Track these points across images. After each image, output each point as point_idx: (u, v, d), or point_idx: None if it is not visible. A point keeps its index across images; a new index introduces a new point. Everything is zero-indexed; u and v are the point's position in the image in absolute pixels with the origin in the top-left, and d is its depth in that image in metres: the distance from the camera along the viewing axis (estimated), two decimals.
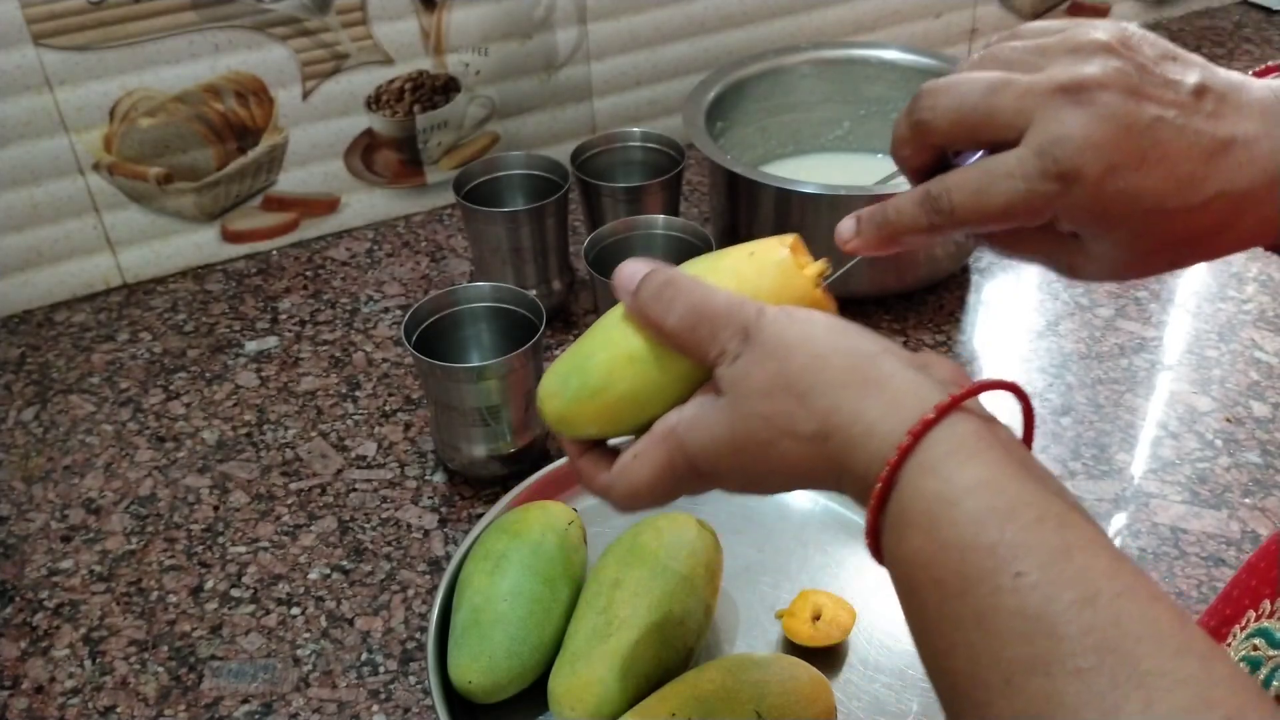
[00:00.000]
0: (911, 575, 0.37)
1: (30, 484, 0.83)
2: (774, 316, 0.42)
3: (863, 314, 0.95)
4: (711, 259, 0.47)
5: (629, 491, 0.45)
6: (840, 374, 0.40)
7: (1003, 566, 0.34)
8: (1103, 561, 0.34)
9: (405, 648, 0.70)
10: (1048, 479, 0.37)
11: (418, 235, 1.10)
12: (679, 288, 0.43)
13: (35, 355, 0.96)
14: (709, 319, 0.42)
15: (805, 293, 0.45)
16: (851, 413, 0.39)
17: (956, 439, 0.37)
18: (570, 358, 0.47)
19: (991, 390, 0.39)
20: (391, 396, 0.90)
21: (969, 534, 0.35)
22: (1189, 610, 0.70)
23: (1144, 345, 0.92)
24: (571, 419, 0.47)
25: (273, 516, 0.79)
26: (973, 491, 0.36)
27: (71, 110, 0.94)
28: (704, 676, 0.60)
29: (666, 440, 0.44)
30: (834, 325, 0.42)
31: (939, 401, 0.38)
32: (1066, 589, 0.33)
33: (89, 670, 0.69)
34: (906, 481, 0.37)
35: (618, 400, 0.45)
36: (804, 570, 0.72)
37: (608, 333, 0.46)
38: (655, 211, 0.92)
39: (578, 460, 0.48)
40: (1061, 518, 0.35)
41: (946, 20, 1.28)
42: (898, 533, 0.38)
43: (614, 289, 0.46)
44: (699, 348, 0.43)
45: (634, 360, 0.45)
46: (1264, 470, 0.80)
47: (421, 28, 1.03)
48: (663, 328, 0.44)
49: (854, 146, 1.11)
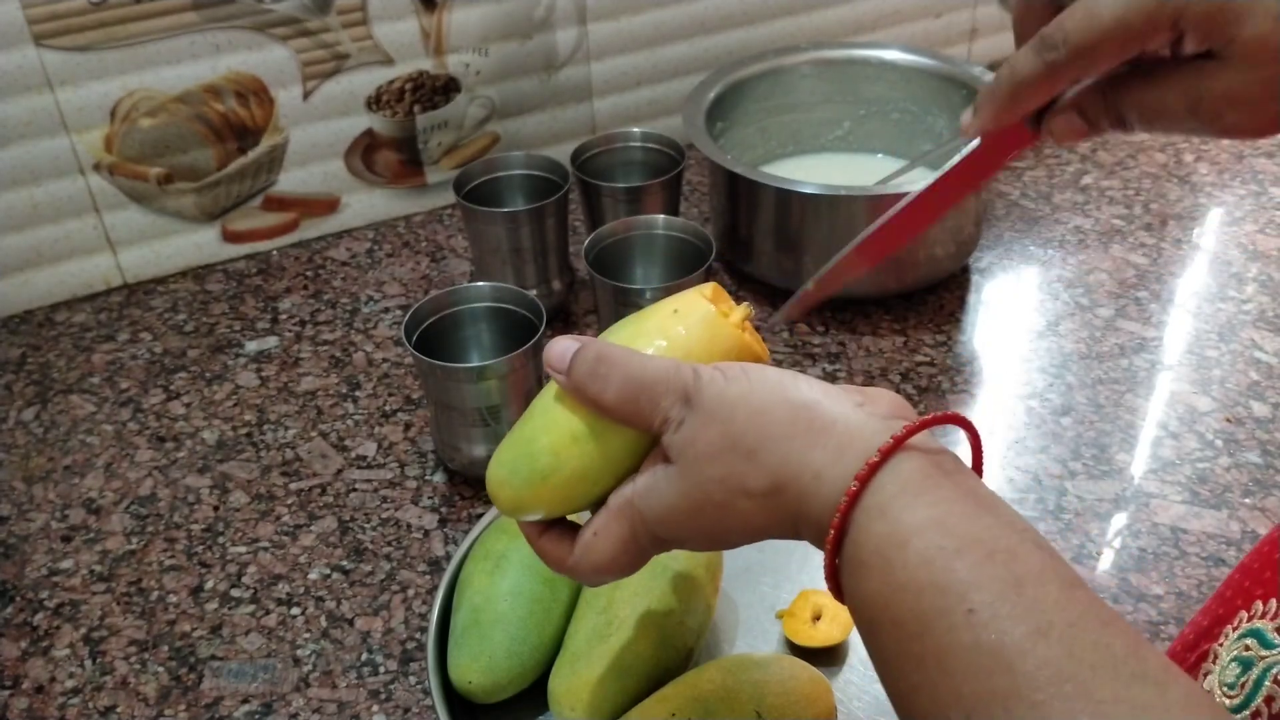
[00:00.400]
0: (871, 616, 0.38)
1: (30, 484, 0.83)
2: (710, 378, 0.42)
3: (863, 314, 0.95)
4: (636, 321, 0.47)
5: (594, 568, 0.46)
6: (783, 426, 0.40)
7: (955, 604, 0.34)
8: (1053, 591, 0.34)
9: (405, 648, 0.70)
10: (999, 509, 0.37)
11: (418, 235, 1.10)
12: (612, 362, 0.43)
13: (35, 355, 0.96)
14: (647, 389, 0.42)
15: (735, 340, 0.46)
16: (799, 463, 0.40)
17: (903, 479, 0.38)
18: (514, 444, 0.47)
19: (935, 425, 0.39)
20: (391, 396, 0.90)
21: (921, 574, 0.35)
22: (1188, 611, 0.70)
23: (1144, 345, 0.92)
24: (525, 504, 0.47)
25: (273, 516, 0.79)
26: (921, 532, 0.36)
27: (72, 110, 0.94)
28: (704, 676, 0.60)
29: (624, 513, 0.44)
30: (768, 378, 0.42)
31: (882, 444, 0.38)
32: (1019, 623, 0.33)
33: (89, 670, 0.69)
34: (858, 525, 0.38)
35: (568, 481, 0.45)
36: (804, 570, 0.72)
37: (547, 414, 0.46)
38: (655, 211, 0.92)
39: (538, 542, 0.48)
40: (1011, 550, 0.35)
41: (946, 20, 1.28)
42: (854, 575, 0.38)
43: (546, 368, 0.46)
44: (642, 419, 0.43)
45: (578, 439, 0.45)
46: (1264, 470, 0.80)
47: (421, 28, 1.03)
48: (601, 404, 0.43)
49: (854, 146, 1.11)
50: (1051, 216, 1.09)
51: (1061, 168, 1.17)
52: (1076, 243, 1.05)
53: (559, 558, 0.47)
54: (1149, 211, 1.09)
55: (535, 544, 0.48)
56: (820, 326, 0.94)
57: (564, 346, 0.45)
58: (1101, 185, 1.14)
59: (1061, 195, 1.12)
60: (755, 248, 0.97)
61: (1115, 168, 1.17)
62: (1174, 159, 1.18)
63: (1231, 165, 1.16)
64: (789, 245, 0.94)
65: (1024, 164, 1.17)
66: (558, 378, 0.45)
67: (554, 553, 0.47)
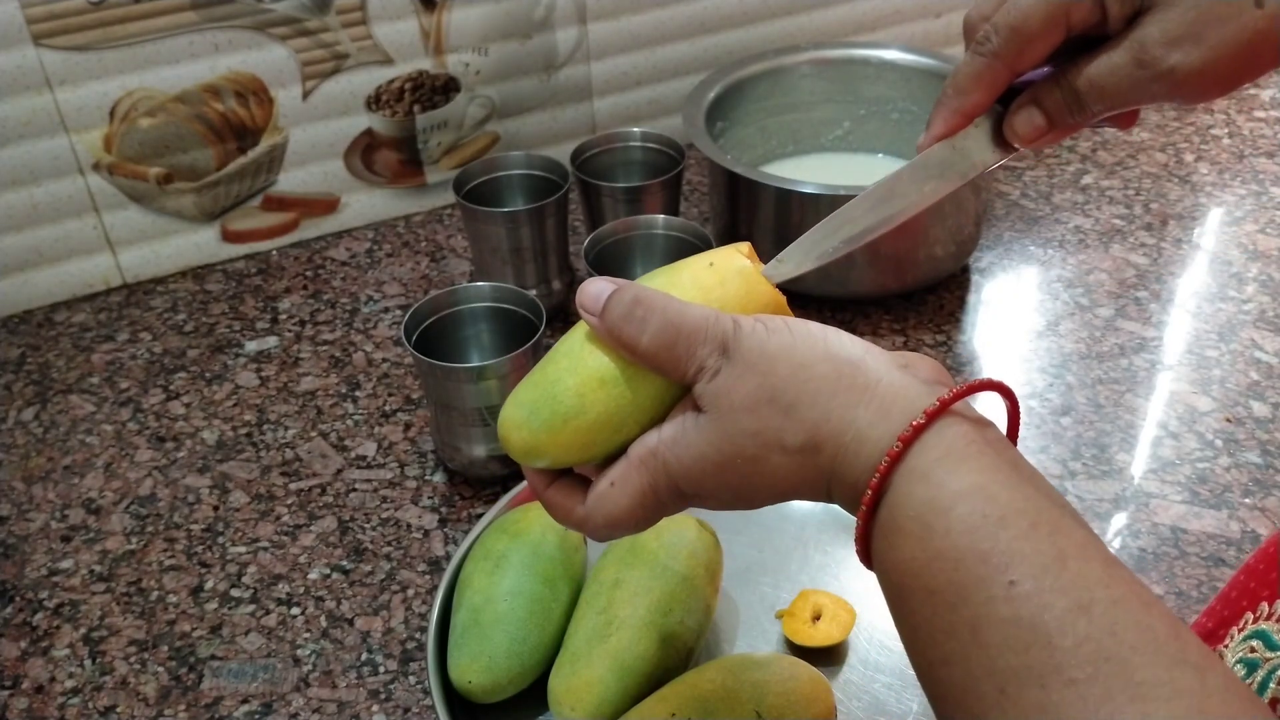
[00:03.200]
0: (903, 583, 0.37)
1: (30, 484, 0.83)
2: (751, 329, 0.41)
3: (863, 314, 0.95)
4: (670, 271, 0.46)
5: (608, 521, 0.44)
6: (826, 383, 0.39)
7: (996, 575, 0.34)
8: (1096, 568, 0.34)
9: (405, 648, 0.70)
10: (1039, 481, 0.37)
11: (418, 235, 1.10)
12: (650, 306, 0.42)
13: (35, 355, 0.96)
14: (685, 336, 0.41)
15: (770, 298, 0.45)
16: (841, 421, 0.39)
17: (946, 444, 0.37)
18: (534, 385, 0.45)
19: (980, 392, 0.39)
20: (391, 396, 0.90)
21: (962, 542, 0.35)
22: (1188, 611, 0.70)
23: (1144, 345, 0.92)
24: (541, 448, 0.45)
25: (273, 516, 0.79)
26: (965, 498, 0.35)
27: (71, 110, 0.94)
28: (704, 676, 0.60)
29: (647, 463, 0.42)
30: (812, 332, 0.41)
31: (928, 406, 0.37)
32: (1060, 597, 0.33)
33: (89, 670, 0.69)
34: (897, 488, 0.37)
35: (592, 425, 0.43)
36: (804, 570, 0.72)
37: (573, 356, 0.44)
38: (655, 211, 0.92)
39: (545, 492, 0.46)
40: (1055, 524, 0.35)
41: (946, 20, 1.28)
42: (889, 540, 0.37)
43: (578, 309, 0.44)
44: (676, 366, 0.41)
45: (605, 382, 0.43)
46: (1264, 470, 0.80)
47: (421, 28, 1.03)
48: (636, 348, 0.42)
49: (854, 146, 1.11)
50: (1051, 216, 1.09)
51: (1061, 168, 1.17)
52: (1076, 243, 1.05)
53: (567, 509, 0.45)
54: (1149, 211, 1.09)
55: (542, 494, 0.46)
56: None
57: (599, 288, 0.43)
58: (1101, 185, 1.14)
59: (1061, 195, 1.12)
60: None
61: (1115, 168, 1.17)
62: (1174, 159, 1.18)
63: (1232, 165, 1.16)
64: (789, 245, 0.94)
65: (1024, 164, 1.17)
66: (590, 319, 0.43)
67: (563, 504, 0.45)
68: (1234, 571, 0.73)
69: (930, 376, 0.40)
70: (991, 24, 0.45)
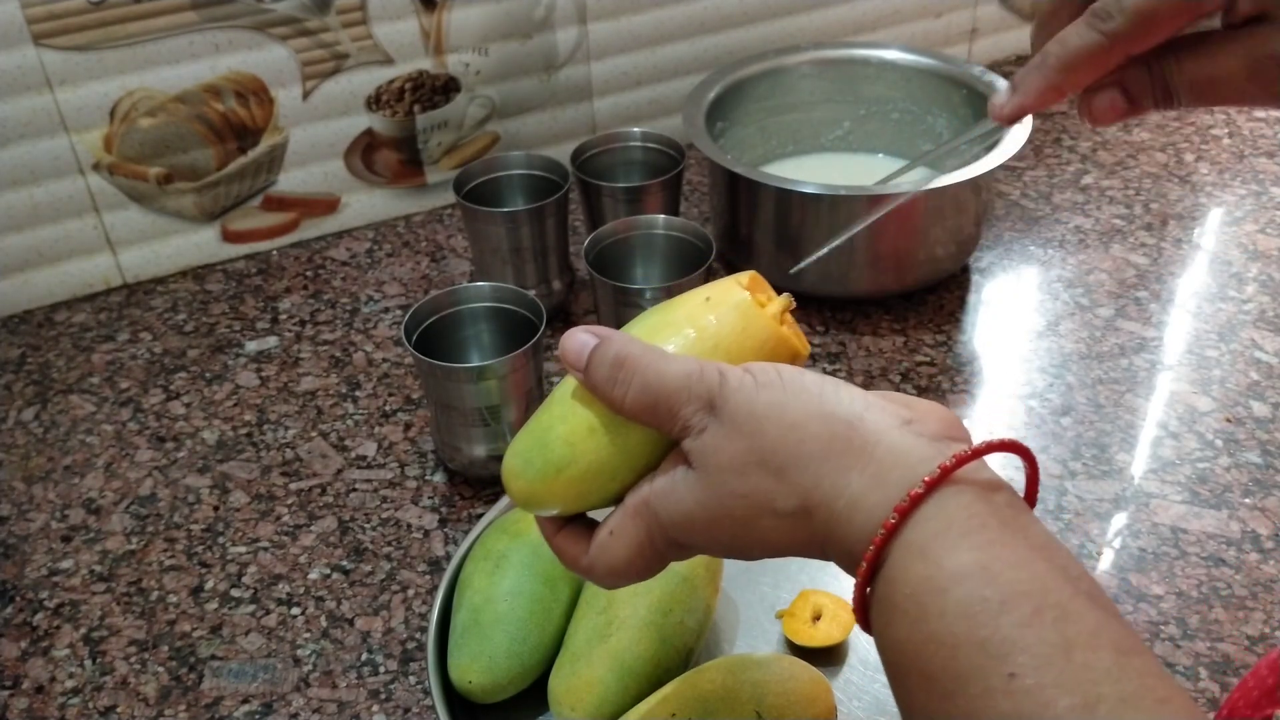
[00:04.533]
0: (900, 664, 0.35)
1: (30, 484, 0.83)
2: (739, 384, 0.39)
3: (863, 314, 0.95)
4: (665, 309, 0.45)
5: (609, 570, 0.43)
6: (819, 444, 0.37)
7: (995, 665, 0.31)
8: (1106, 659, 0.31)
9: (405, 648, 0.70)
10: (1052, 552, 0.34)
11: (418, 235, 1.10)
12: (631, 366, 0.40)
13: (35, 355, 0.96)
14: (666, 398, 0.39)
15: (770, 333, 0.43)
16: (833, 487, 0.36)
17: (947, 516, 0.34)
18: (529, 434, 0.45)
19: (989, 454, 0.36)
20: (391, 396, 0.90)
21: (959, 627, 0.32)
22: (1188, 610, 0.70)
23: (1144, 345, 0.92)
24: (539, 498, 0.44)
25: (273, 516, 0.79)
26: (963, 579, 0.33)
27: (71, 110, 0.94)
28: (704, 676, 0.60)
29: (640, 514, 0.41)
30: (807, 386, 0.38)
31: (928, 474, 0.35)
32: (1064, 694, 0.30)
33: (89, 670, 0.69)
34: (894, 563, 0.35)
35: (583, 475, 0.43)
36: (804, 570, 0.72)
37: (564, 404, 0.44)
38: (655, 211, 0.92)
39: (554, 539, 0.45)
40: (1062, 607, 0.32)
41: (946, 20, 1.28)
42: (885, 617, 0.35)
43: (562, 362, 0.43)
44: (660, 425, 0.40)
45: (594, 432, 0.42)
46: (1264, 470, 0.80)
47: (421, 28, 1.03)
48: (621, 410, 0.41)
49: (854, 146, 1.11)
50: (1051, 216, 1.09)
51: (1061, 168, 1.17)
52: (1076, 243, 1.05)
53: (574, 557, 0.44)
54: (1149, 211, 1.09)
55: (551, 541, 0.45)
56: (820, 326, 0.93)
57: (580, 341, 0.42)
58: (1101, 185, 1.14)
59: (1061, 195, 1.12)
60: (755, 248, 0.97)
61: (1115, 168, 1.17)
62: (1174, 159, 1.18)
63: (1232, 165, 1.16)
64: (789, 245, 0.94)
65: (1024, 164, 1.17)
66: (575, 375, 0.42)
67: (570, 551, 0.44)
68: (1234, 572, 0.73)
69: (938, 431, 0.38)
70: (1116, 1, 0.42)
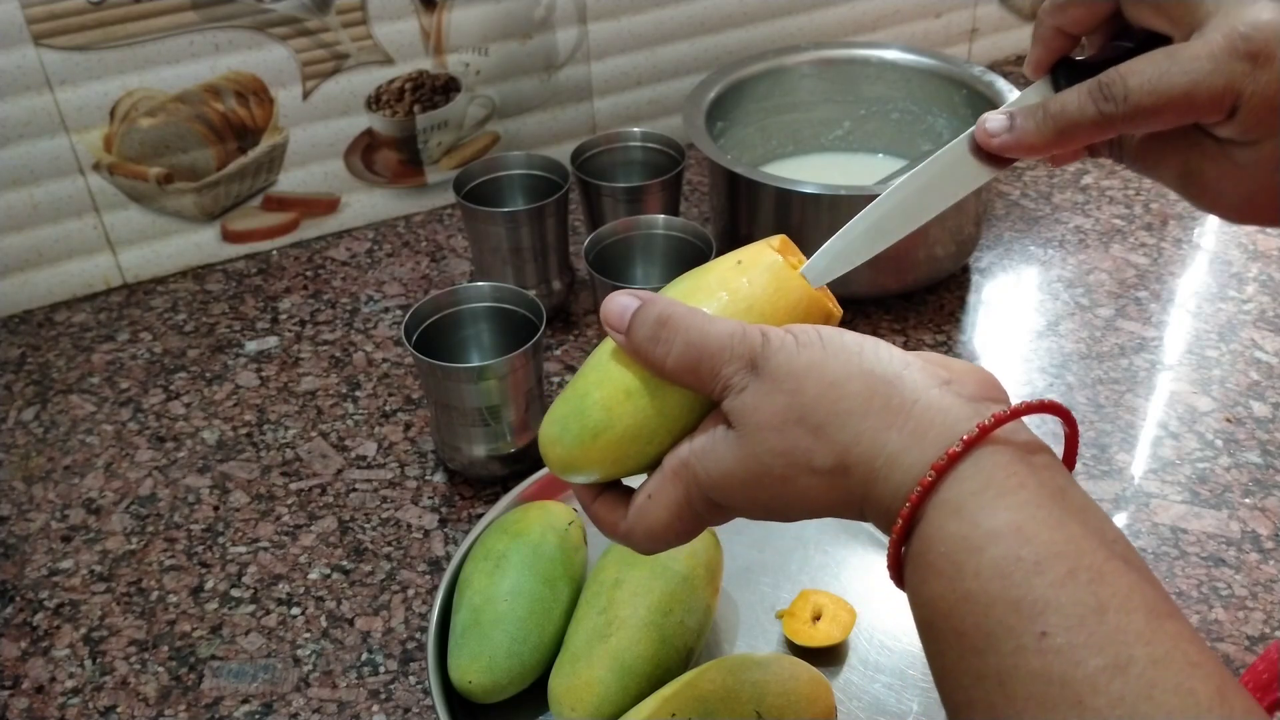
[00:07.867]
0: (932, 621, 0.35)
1: (30, 484, 0.83)
2: (779, 344, 0.39)
3: (862, 314, 0.95)
4: (697, 274, 0.45)
5: (648, 534, 0.43)
6: (858, 402, 0.37)
7: (1027, 625, 0.32)
8: (1139, 621, 0.31)
9: (405, 648, 0.70)
10: (1089, 515, 0.34)
11: (418, 235, 1.10)
12: (675, 326, 0.40)
13: (35, 355, 0.96)
14: (709, 356, 0.40)
15: (803, 293, 0.43)
16: (872, 444, 0.37)
17: (984, 475, 0.34)
18: (566, 400, 0.45)
19: (1028, 414, 0.36)
20: (391, 396, 0.90)
21: (993, 586, 0.33)
22: (1188, 610, 0.70)
23: (1144, 345, 0.92)
24: (576, 464, 0.44)
25: (273, 516, 0.79)
26: (999, 538, 0.33)
27: (71, 110, 0.94)
28: (704, 676, 0.60)
29: (679, 475, 0.41)
30: (846, 345, 0.39)
31: (966, 432, 0.35)
32: (1095, 654, 0.30)
33: (89, 670, 0.69)
34: (929, 520, 0.35)
35: (620, 439, 0.43)
36: (804, 570, 0.72)
37: (601, 369, 0.44)
38: (655, 211, 0.92)
39: (591, 506, 0.45)
40: (1097, 569, 0.32)
41: (946, 20, 1.28)
42: (919, 574, 0.35)
43: (603, 324, 0.43)
44: (702, 385, 0.40)
45: (631, 395, 0.42)
46: (1264, 470, 0.80)
47: (421, 28, 1.03)
48: (663, 370, 0.41)
49: (854, 146, 1.11)
50: (1051, 216, 1.09)
51: (1062, 168, 1.17)
52: (1076, 243, 1.05)
53: (613, 523, 0.44)
54: (1149, 211, 1.09)
55: (589, 508, 0.45)
56: None
57: (623, 304, 0.42)
58: (1101, 185, 1.14)
59: (1061, 195, 1.12)
60: None
61: (1115, 168, 1.17)
62: None
63: None
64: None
65: (1024, 164, 1.17)
66: (616, 337, 0.42)
67: (608, 518, 0.44)
68: (1234, 572, 0.73)
69: (977, 393, 0.38)
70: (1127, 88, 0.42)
